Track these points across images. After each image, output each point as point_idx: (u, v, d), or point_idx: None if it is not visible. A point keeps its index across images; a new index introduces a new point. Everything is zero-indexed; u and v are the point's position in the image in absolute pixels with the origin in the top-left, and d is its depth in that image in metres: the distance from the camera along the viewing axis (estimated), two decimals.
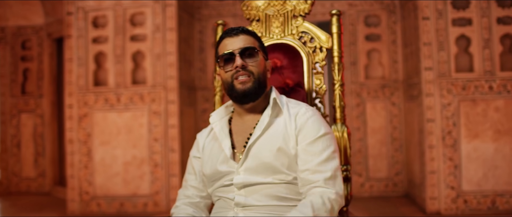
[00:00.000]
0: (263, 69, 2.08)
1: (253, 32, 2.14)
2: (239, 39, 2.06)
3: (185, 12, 6.68)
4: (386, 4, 6.95)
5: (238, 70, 2.02)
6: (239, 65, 2.01)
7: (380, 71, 6.97)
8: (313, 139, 1.98)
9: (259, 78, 2.04)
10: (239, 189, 2.00)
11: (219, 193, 2.09)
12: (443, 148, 5.67)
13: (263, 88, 2.07)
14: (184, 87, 6.49)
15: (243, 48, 2.04)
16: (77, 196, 6.23)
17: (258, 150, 2.00)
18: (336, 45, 2.44)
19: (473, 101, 5.66)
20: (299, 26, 2.51)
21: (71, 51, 6.32)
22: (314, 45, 2.48)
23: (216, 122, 2.18)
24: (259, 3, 2.58)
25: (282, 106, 2.08)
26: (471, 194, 5.62)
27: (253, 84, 2.02)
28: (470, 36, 5.72)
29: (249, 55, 2.05)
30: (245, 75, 2.02)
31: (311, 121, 2.02)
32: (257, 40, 2.13)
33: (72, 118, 6.29)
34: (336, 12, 2.47)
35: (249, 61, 2.04)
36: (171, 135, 6.08)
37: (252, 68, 2.03)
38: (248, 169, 1.99)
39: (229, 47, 2.05)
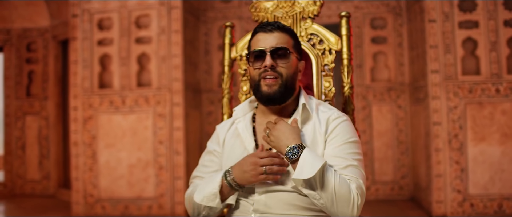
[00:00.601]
0: (293, 71, 2.00)
1: (289, 29, 2.05)
2: (273, 36, 1.98)
3: (190, 14, 6.66)
4: (392, 7, 6.92)
5: (266, 69, 1.95)
6: (268, 65, 1.94)
7: (386, 74, 6.94)
8: (342, 142, 1.92)
9: (287, 81, 1.96)
10: (260, 195, 1.93)
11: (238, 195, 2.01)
12: (449, 151, 5.64)
13: (290, 91, 2.00)
14: (190, 89, 6.47)
15: (275, 48, 1.96)
16: (82, 199, 6.21)
17: None
18: (345, 47, 2.42)
19: (480, 104, 5.64)
20: (308, 28, 2.49)
21: (76, 53, 6.32)
22: (323, 48, 2.45)
23: (239, 118, 2.12)
24: (268, 5, 2.55)
25: (312, 111, 2.02)
26: (477, 198, 5.59)
27: (279, 88, 1.95)
28: (476, 39, 5.70)
29: (280, 56, 1.97)
30: (273, 76, 1.95)
31: (342, 125, 1.97)
32: (292, 38, 2.04)
33: (77, 120, 6.28)
34: (345, 14, 2.45)
35: (280, 62, 1.96)
36: (176, 138, 6.06)
37: (282, 69, 1.96)
38: None
39: (261, 44, 1.98)
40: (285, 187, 1.90)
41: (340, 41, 2.43)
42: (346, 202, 1.80)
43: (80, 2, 6.34)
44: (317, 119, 1.99)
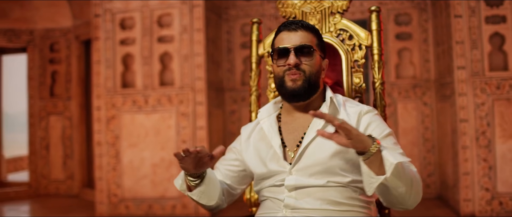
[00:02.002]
0: (316, 69, 1.98)
1: (313, 28, 2.04)
2: (297, 35, 1.97)
3: (212, 12, 6.64)
4: (417, 2, 6.83)
5: (290, 67, 1.94)
6: (293, 63, 1.93)
7: (411, 71, 6.85)
8: (385, 135, 1.90)
9: (310, 78, 1.95)
10: (290, 191, 1.91)
11: (267, 193, 2.01)
12: (476, 148, 5.54)
13: (314, 88, 1.98)
14: (212, 88, 6.45)
15: (299, 46, 1.95)
16: (106, 198, 6.22)
17: (313, 151, 1.91)
18: (375, 43, 2.36)
19: (508, 101, 5.53)
20: (337, 24, 2.44)
21: (98, 53, 6.32)
22: (353, 43, 2.40)
23: (264, 118, 2.11)
24: (296, 1, 2.51)
25: (339, 106, 2.00)
26: (506, 196, 5.49)
27: (303, 83, 1.93)
28: (504, 34, 5.59)
29: (304, 54, 1.95)
30: (297, 73, 1.93)
31: (377, 118, 1.96)
32: (316, 37, 2.02)
33: (100, 120, 6.29)
34: (375, 9, 2.41)
35: (304, 59, 1.95)
36: (200, 137, 6.03)
37: (305, 66, 1.94)
38: (301, 170, 1.91)
39: (286, 42, 1.97)
40: (316, 182, 1.89)
41: (370, 36, 2.38)
42: (419, 187, 1.79)
43: (102, 2, 6.34)
44: (345, 114, 1.97)
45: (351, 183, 1.89)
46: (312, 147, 1.92)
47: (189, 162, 1.90)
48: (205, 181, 2.02)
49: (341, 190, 1.89)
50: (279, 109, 2.14)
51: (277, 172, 1.96)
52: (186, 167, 1.94)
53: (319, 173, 1.89)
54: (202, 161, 1.92)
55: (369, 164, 1.69)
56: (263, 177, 2.02)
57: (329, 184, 1.88)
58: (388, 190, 1.73)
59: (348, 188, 1.89)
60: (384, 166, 1.68)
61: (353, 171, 1.88)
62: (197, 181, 2.02)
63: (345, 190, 1.89)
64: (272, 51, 2.03)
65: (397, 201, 1.77)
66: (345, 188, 1.89)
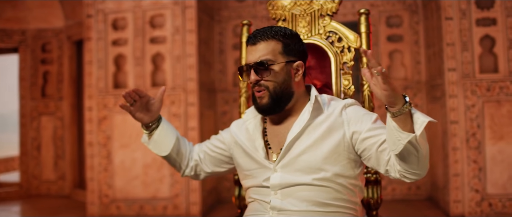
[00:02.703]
0: (281, 79, 1.96)
1: (277, 34, 2.00)
2: (257, 50, 1.98)
3: (204, 14, 6.64)
4: (408, 4, 6.86)
5: (253, 84, 1.98)
6: (253, 81, 1.97)
7: (402, 72, 6.88)
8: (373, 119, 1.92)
9: (275, 92, 1.95)
10: (275, 192, 1.94)
11: (254, 195, 2.03)
12: (467, 150, 5.57)
13: (285, 99, 1.98)
14: (204, 89, 6.45)
15: (255, 64, 1.96)
16: (97, 199, 6.21)
17: (297, 147, 1.94)
18: (364, 45, 2.38)
19: (498, 103, 5.56)
20: (327, 26, 2.45)
21: (90, 53, 6.32)
22: (342, 45, 2.42)
23: (250, 119, 2.13)
24: (285, 3, 2.52)
25: (324, 105, 2.01)
26: (496, 197, 5.52)
27: (268, 100, 1.96)
28: (494, 36, 5.63)
29: (263, 70, 1.95)
30: (260, 90, 1.96)
31: (360, 108, 1.99)
32: (282, 43, 1.99)
33: (92, 120, 6.28)
34: (364, 11, 2.42)
35: (264, 75, 1.95)
36: (191, 137, 6.04)
37: (266, 82, 1.95)
38: (285, 166, 1.94)
39: (248, 58, 2.00)
40: (301, 179, 1.91)
41: (359, 38, 2.40)
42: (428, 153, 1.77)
43: (95, 2, 6.34)
44: (331, 111, 1.99)
45: (332, 178, 1.90)
46: (296, 144, 1.94)
47: (138, 109, 2.15)
48: (157, 131, 2.24)
49: (327, 190, 1.91)
50: None
51: (261, 167, 1.99)
52: (139, 116, 2.18)
53: (303, 169, 1.91)
54: (150, 105, 2.17)
55: (397, 121, 1.68)
56: (248, 174, 2.05)
57: (314, 182, 1.89)
58: (411, 151, 1.69)
59: (334, 189, 1.91)
60: (414, 124, 1.66)
61: (336, 164, 1.91)
62: (148, 131, 2.26)
63: (331, 191, 1.91)
64: (238, 69, 2.07)
65: (416, 165, 1.73)
66: (331, 188, 1.91)
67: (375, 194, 2.30)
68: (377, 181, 2.30)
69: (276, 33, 2.00)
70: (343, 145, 1.91)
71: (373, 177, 2.30)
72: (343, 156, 1.92)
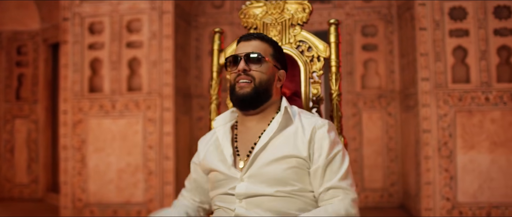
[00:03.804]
0: (267, 77, 2.04)
1: (270, 40, 2.12)
2: (250, 45, 2.06)
3: (182, 19, 6.66)
4: (383, 14, 6.94)
5: (239, 73, 2.01)
6: (241, 69, 2.00)
7: (376, 81, 6.96)
8: (331, 156, 1.95)
9: (260, 85, 2.01)
10: (240, 200, 1.94)
11: (219, 202, 2.03)
12: (439, 159, 5.65)
13: (264, 96, 2.03)
14: (180, 94, 6.46)
15: (249, 53, 2.02)
16: (70, 203, 6.18)
17: (264, 158, 1.95)
18: (334, 55, 2.42)
19: (470, 113, 5.65)
20: (297, 35, 2.49)
21: (66, 57, 6.29)
22: (312, 55, 2.46)
23: (219, 126, 2.15)
24: (257, 12, 2.55)
25: (293, 116, 2.04)
26: (466, 206, 5.60)
27: (251, 90, 1.99)
28: (467, 47, 5.72)
29: (254, 61, 2.02)
30: (246, 79, 2.00)
31: (327, 136, 1.98)
32: (273, 48, 2.11)
33: (67, 124, 6.25)
34: (334, 22, 2.45)
35: (253, 66, 2.02)
36: (166, 143, 6.04)
37: (254, 73, 2.01)
38: (252, 177, 1.94)
39: (239, 51, 2.07)
40: (266, 190, 1.91)
41: (329, 48, 2.43)
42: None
43: (71, 5, 6.32)
44: (299, 125, 2.01)
45: (299, 192, 1.93)
46: (263, 154, 1.96)
47: None
48: None
49: (292, 201, 1.92)
50: (235, 117, 2.18)
51: (228, 178, 1.99)
52: None
53: (269, 181, 1.92)
54: None
55: None
56: (216, 184, 2.05)
57: (277, 193, 1.90)
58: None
59: (298, 199, 1.92)
60: None
61: (301, 179, 1.94)
62: None
63: (296, 201, 1.92)
64: (226, 59, 2.10)
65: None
66: (296, 199, 1.92)
67: None
68: None
69: (269, 39, 2.13)
70: (307, 162, 1.95)
71: None
72: (305, 170, 1.95)
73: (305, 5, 2.50)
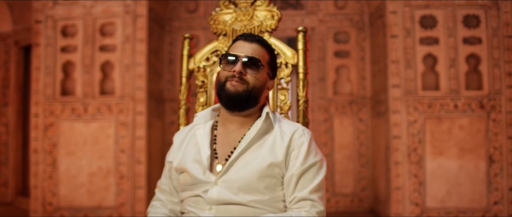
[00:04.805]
0: (261, 84, 2.01)
1: (269, 46, 2.09)
2: (251, 47, 2.01)
3: (155, 23, 6.66)
4: (355, 21, 7.02)
5: (234, 75, 1.96)
6: (238, 71, 1.95)
7: (348, 88, 7.03)
8: (306, 166, 1.93)
9: (253, 90, 1.97)
10: (210, 207, 1.91)
11: (189, 207, 1.98)
12: (408, 164, 5.73)
13: (254, 101, 2.00)
14: (153, 99, 6.46)
15: (249, 57, 1.98)
16: (40, 207, 6.13)
17: (242, 164, 1.93)
18: (301, 62, 2.45)
19: (439, 119, 5.75)
20: None
21: (38, 59, 6.25)
22: (280, 61, 2.48)
23: (199, 124, 2.10)
24: (226, 18, 2.58)
25: (274, 122, 2.03)
26: (435, 211, 5.68)
27: (243, 91, 1.96)
28: (436, 55, 5.82)
29: (252, 66, 1.98)
30: (240, 82, 1.96)
31: (306, 145, 1.97)
32: (269, 55, 2.08)
33: (38, 127, 6.20)
34: (302, 29, 2.48)
35: (250, 71, 1.98)
36: (138, 147, 6.03)
37: (250, 78, 1.97)
38: (226, 182, 1.91)
39: (238, 50, 2.00)
40: (239, 199, 1.89)
41: (297, 55, 2.47)
42: None
43: (44, 8, 6.28)
44: (279, 131, 2.00)
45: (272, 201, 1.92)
46: (240, 161, 1.94)
47: None
48: None
49: (263, 212, 1.90)
50: (216, 116, 2.13)
51: (202, 181, 1.94)
52: None
53: (244, 189, 1.90)
54: None
55: None
56: (188, 186, 2.00)
57: (251, 204, 1.89)
58: None
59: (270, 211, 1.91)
60: None
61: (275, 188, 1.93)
62: None
63: (266, 213, 1.90)
64: (223, 56, 2.03)
65: None
66: (267, 211, 1.91)
67: None
68: None
69: (268, 45, 2.09)
70: (281, 170, 1.94)
71: None
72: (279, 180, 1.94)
73: (274, 13, 2.54)
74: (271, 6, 2.55)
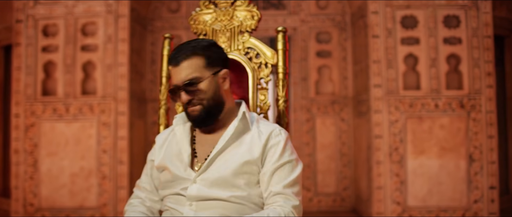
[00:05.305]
0: (213, 91, 2.00)
1: (198, 47, 2.02)
2: (181, 69, 1.98)
3: (137, 23, 6.64)
4: (337, 22, 7.06)
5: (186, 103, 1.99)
6: (184, 101, 1.98)
7: (330, 87, 7.06)
8: (280, 163, 1.96)
9: (209, 104, 1.99)
10: (190, 203, 1.93)
11: (169, 203, 2.01)
12: (390, 164, 5.77)
13: (217, 109, 2.02)
14: (135, 99, 6.44)
15: (185, 84, 1.96)
16: (22, 208, 6.08)
17: (221, 162, 1.96)
18: (281, 62, 2.46)
19: (420, 119, 5.79)
20: (245, 42, 2.52)
21: (19, 59, 6.20)
22: (260, 61, 2.49)
23: (179, 125, 2.12)
24: (207, 18, 2.58)
25: (251, 123, 2.05)
26: (416, 210, 5.73)
27: (201, 112, 1.98)
28: (417, 55, 5.86)
29: (192, 87, 1.96)
30: (194, 105, 1.98)
31: (283, 144, 1.99)
32: (205, 55, 2.01)
33: (19, 127, 6.16)
34: (281, 29, 2.50)
35: (195, 93, 1.97)
36: (120, 147, 6.01)
37: (199, 100, 1.98)
38: (205, 180, 1.94)
39: (174, 80, 1.99)
40: (218, 194, 1.92)
41: (276, 55, 2.48)
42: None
43: (25, 7, 6.24)
44: (257, 131, 2.02)
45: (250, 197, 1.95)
46: (219, 159, 1.97)
47: None
48: None
49: (242, 208, 1.93)
50: None
51: (182, 179, 1.98)
52: None
53: (222, 186, 1.92)
54: None
55: None
56: (168, 184, 2.03)
57: (230, 199, 1.91)
58: None
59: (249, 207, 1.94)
60: None
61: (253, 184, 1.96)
62: None
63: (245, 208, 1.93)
64: (169, 92, 2.06)
65: None
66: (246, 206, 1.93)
67: None
68: None
69: (196, 48, 2.01)
70: (258, 167, 1.97)
71: None
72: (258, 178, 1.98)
73: (254, 13, 2.54)
74: (251, 6, 2.56)
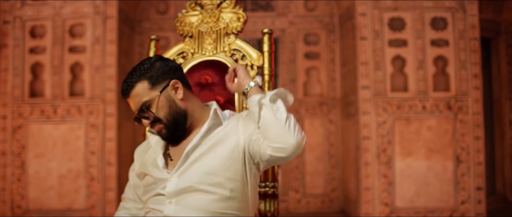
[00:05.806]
0: (167, 107, 2.02)
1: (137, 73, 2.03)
2: (132, 99, 2.02)
3: (126, 25, 6.63)
4: (325, 23, 7.08)
5: None
6: (147, 125, 2.03)
7: (318, 89, 7.08)
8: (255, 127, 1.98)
9: (169, 121, 2.01)
10: (170, 201, 1.95)
11: (150, 204, 2.02)
12: (378, 165, 5.79)
13: (179, 121, 2.04)
14: (123, 100, 6.41)
15: (138, 113, 2.01)
16: (9, 210, 6.05)
17: (194, 155, 1.97)
18: (266, 63, 2.46)
19: (407, 120, 5.82)
20: (231, 44, 2.53)
21: (6, 60, 6.18)
22: (246, 63, 2.50)
23: (153, 136, 2.13)
24: (193, 20, 2.59)
25: (223, 119, 2.07)
26: (404, 211, 5.76)
27: (165, 130, 2.02)
28: (405, 57, 5.90)
29: (146, 113, 2.00)
30: (156, 126, 2.02)
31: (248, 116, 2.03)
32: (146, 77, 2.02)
33: (6, 129, 6.13)
34: (267, 31, 2.51)
35: (151, 115, 2.00)
36: (109, 148, 6.00)
37: (156, 119, 2.01)
38: (182, 174, 1.95)
39: (132, 109, 2.05)
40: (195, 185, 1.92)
41: (262, 57, 2.48)
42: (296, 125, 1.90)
43: (12, 8, 6.21)
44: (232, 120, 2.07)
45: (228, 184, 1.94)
46: (193, 154, 1.98)
47: None
48: None
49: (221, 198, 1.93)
50: None
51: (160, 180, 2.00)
52: None
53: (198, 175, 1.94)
54: None
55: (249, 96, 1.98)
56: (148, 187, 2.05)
57: (208, 188, 1.92)
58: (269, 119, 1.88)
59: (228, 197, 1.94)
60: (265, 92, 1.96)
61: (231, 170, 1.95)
62: None
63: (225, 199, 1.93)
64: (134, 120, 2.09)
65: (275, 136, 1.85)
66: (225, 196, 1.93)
67: (272, 207, 2.36)
68: (274, 194, 2.38)
69: (135, 75, 2.03)
70: (237, 150, 1.96)
71: (271, 190, 2.37)
72: (237, 162, 1.96)
73: (239, 15, 2.55)
74: (237, 8, 2.57)
